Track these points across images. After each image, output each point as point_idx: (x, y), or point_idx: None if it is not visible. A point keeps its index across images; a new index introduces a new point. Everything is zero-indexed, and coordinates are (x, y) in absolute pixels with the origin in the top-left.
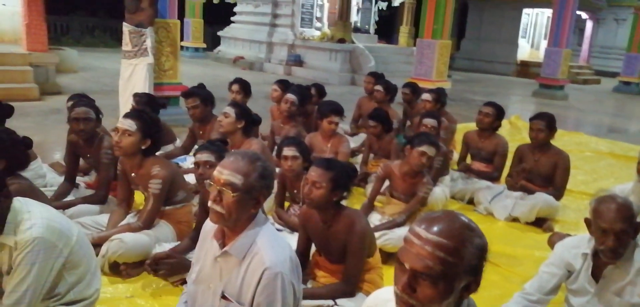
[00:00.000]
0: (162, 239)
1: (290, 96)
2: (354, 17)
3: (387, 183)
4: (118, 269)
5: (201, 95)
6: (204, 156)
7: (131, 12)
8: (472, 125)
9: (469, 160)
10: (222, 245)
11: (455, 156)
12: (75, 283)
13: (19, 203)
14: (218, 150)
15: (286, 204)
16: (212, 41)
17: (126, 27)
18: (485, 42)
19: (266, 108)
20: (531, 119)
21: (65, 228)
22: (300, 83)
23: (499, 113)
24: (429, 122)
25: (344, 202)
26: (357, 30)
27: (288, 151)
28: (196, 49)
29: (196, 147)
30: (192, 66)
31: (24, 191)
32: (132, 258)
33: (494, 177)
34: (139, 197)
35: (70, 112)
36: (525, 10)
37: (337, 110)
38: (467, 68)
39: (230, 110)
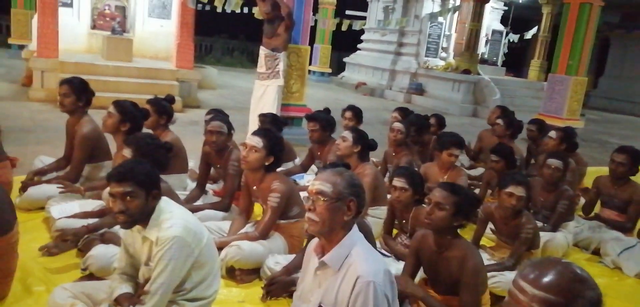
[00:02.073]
0: (275, 251)
1: (397, 125)
2: (482, 49)
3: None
4: (234, 274)
5: (321, 120)
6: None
7: (268, 37)
8: (605, 170)
9: (598, 207)
10: (321, 258)
11: (582, 201)
12: (200, 282)
13: (163, 203)
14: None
15: (394, 231)
16: (338, 66)
17: (263, 51)
18: (627, 80)
19: (383, 134)
20: None
21: (198, 230)
22: (419, 112)
23: (635, 160)
24: (554, 162)
25: None
26: (484, 62)
27: (397, 182)
28: (322, 74)
29: (313, 169)
30: (317, 89)
31: (164, 192)
32: (247, 265)
33: (627, 228)
34: (257, 209)
35: (207, 125)
36: None
37: (458, 143)
38: (604, 108)
39: (348, 135)
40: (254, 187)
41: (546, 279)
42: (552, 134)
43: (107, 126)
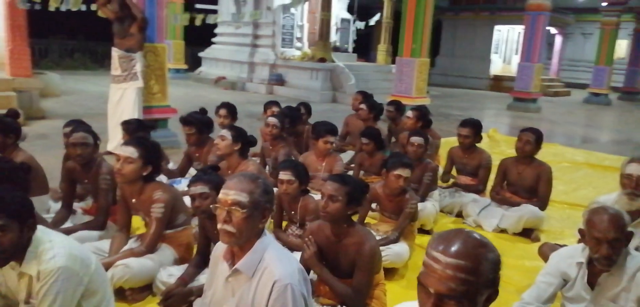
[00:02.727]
0: (165, 263)
1: (272, 120)
2: (333, 37)
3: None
4: (123, 295)
5: (197, 123)
6: (199, 188)
7: (120, 37)
8: (453, 140)
9: (454, 174)
10: (232, 265)
11: (440, 170)
12: None
13: (40, 232)
14: (211, 179)
15: (284, 223)
16: (193, 62)
17: (115, 52)
18: (459, 58)
19: (250, 127)
20: (521, 132)
21: (84, 256)
22: (278, 101)
23: (477, 130)
24: (416, 140)
25: None
26: (336, 49)
27: (284, 175)
28: (177, 70)
29: (191, 172)
30: (175, 87)
31: None
32: (137, 283)
33: (479, 190)
34: (135, 222)
35: (68, 138)
36: (497, 27)
37: (332, 130)
38: (442, 83)
39: (227, 133)
40: (133, 200)
41: (455, 247)
42: (410, 114)
43: None
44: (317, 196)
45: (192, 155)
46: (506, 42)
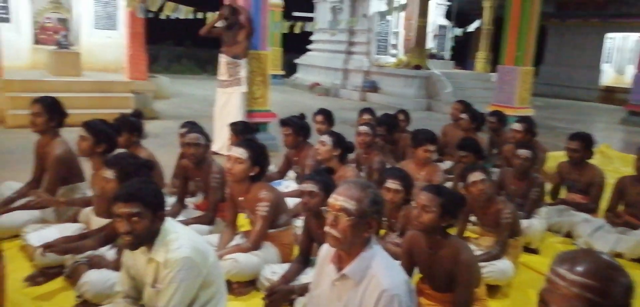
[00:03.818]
0: (269, 261)
1: (363, 128)
2: (430, 44)
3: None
4: (230, 287)
5: (294, 124)
6: (309, 186)
7: (228, 44)
8: (559, 154)
9: (563, 191)
10: (339, 269)
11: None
12: (207, 301)
13: (168, 223)
14: (322, 180)
15: (382, 231)
16: (289, 68)
17: (223, 59)
18: (565, 67)
19: (344, 134)
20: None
21: (205, 250)
22: (372, 108)
23: (588, 144)
24: (524, 153)
25: None
26: (432, 56)
27: (392, 184)
28: (275, 76)
29: (290, 174)
30: (272, 93)
31: None
32: (244, 277)
33: (591, 209)
34: (239, 219)
35: (183, 138)
36: (609, 35)
37: (432, 139)
38: (546, 94)
39: (327, 139)
40: (240, 199)
41: (583, 266)
42: (517, 125)
43: (82, 150)
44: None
45: (291, 158)
46: (619, 51)
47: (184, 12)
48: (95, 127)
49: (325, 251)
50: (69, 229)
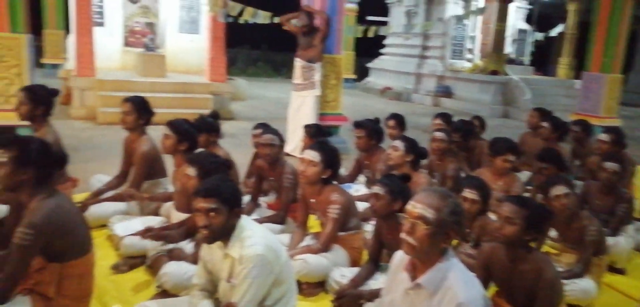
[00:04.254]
0: (338, 263)
1: (438, 134)
2: (508, 48)
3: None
4: (300, 288)
5: (367, 128)
6: (376, 189)
7: (304, 48)
8: None
9: None
10: (413, 277)
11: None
12: (279, 299)
13: (244, 220)
14: (389, 183)
15: (454, 241)
16: (361, 72)
17: (298, 62)
18: None
19: (419, 139)
20: None
21: (277, 248)
22: (449, 114)
23: None
24: (611, 166)
25: None
26: (511, 61)
27: (470, 194)
28: (346, 80)
29: (361, 179)
30: (344, 96)
31: None
32: (313, 278)
33: None
34: (309, 220)
35: (258, 139)
36: None
37: (513, 148)
38: (635, 103)
39: (400, 144)
40: (312, 200)
41: None
42: (604, 136)
43: (165, 147)
44: (492, 217)
45: (362, 162)
46: None
47: (262, 17)
48: (179, 127)
49: (400, 258)
50: (151, 222)
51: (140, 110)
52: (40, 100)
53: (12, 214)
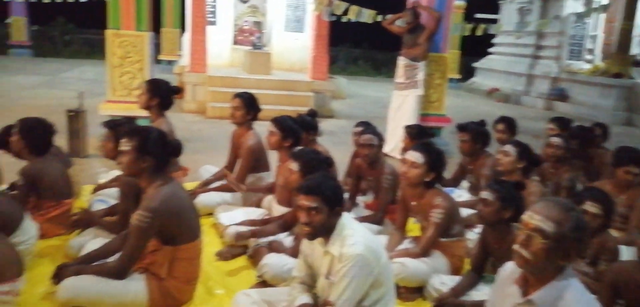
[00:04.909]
0: (438, 270)
1: (555, 140)
2: (635, 49)
3: None
4: (397, 292)
5: (472, 131)
6: (484, 194)
7: (409, 46)
8: None
9: None
10: (525, 293)
11: None
12: (377, 300)
13: (345, 219)
14: (500, 189)
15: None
16: (466, 72)
17: (402, 61)
18: None
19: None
20: None
21: (378, 249)
22: (568, 118)
23: None
24: None
25: None
26: (638, 64)
27: (591, 207)
28: (450, 80)
29: (464, 184)
30: (447, 97)
31: None
32: (411, 283)
33: None
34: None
35: (358, 138)
36: None
37: (638, 159)
38: None
39: (511, 149)
40: (413, 203)
41: None
42: None
43: (271, 143)
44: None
45: (465, 166)
46: None
47: (367, 16)
48: (284, 123)
49: (510, 270)
50: (253, 214)
51: (248, 106)
52: (157, 93)
53: (122, 199)
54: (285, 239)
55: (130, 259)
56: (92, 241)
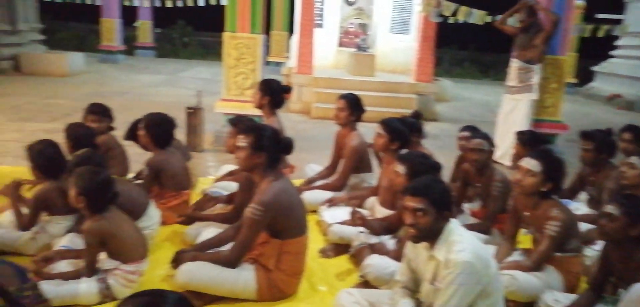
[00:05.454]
0: (551, 286)
1: None
2: None
3: None
4: (506, 305)
5: (597, 140)
6: (608, 208)
7: (523, 48)
8: None
9: None
10: None
11: None
12: None
13: (453, 224)
14: (624, 203)
15: None
16: (583, 76)
17: (515, 63)
18: None
19: None
20: None
21: (487, 258)
22: None
23: None
24: None
25: None
26: None
27: None
28: (567, 84)
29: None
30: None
31: None
32: (521, 298)
33: None
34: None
35: (467, 143)
36: None
37: None
38: None
39: (639, 162)
40: (526, 213)
41: None
42: None
43: (378, 146)
44: None
45: (585, 177)
46: None
47: (477, 17)
48: (392, 126)
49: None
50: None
51: (353, 107)
52: (269, 92)
53: (241, 192)
54: (388, 241)
55: (242, 249)
56: (207, 229)
